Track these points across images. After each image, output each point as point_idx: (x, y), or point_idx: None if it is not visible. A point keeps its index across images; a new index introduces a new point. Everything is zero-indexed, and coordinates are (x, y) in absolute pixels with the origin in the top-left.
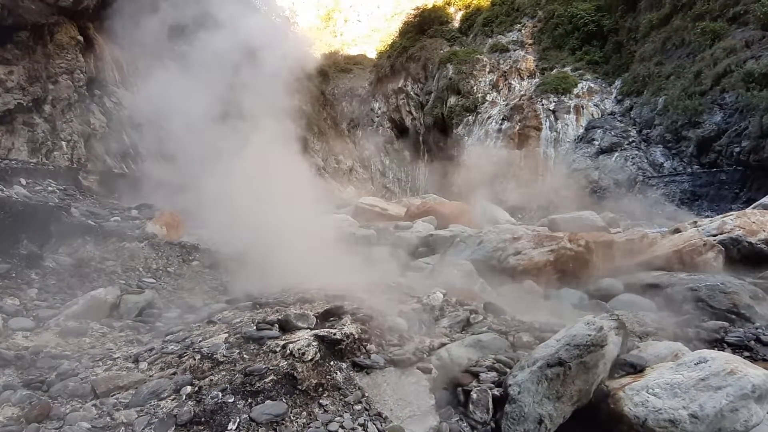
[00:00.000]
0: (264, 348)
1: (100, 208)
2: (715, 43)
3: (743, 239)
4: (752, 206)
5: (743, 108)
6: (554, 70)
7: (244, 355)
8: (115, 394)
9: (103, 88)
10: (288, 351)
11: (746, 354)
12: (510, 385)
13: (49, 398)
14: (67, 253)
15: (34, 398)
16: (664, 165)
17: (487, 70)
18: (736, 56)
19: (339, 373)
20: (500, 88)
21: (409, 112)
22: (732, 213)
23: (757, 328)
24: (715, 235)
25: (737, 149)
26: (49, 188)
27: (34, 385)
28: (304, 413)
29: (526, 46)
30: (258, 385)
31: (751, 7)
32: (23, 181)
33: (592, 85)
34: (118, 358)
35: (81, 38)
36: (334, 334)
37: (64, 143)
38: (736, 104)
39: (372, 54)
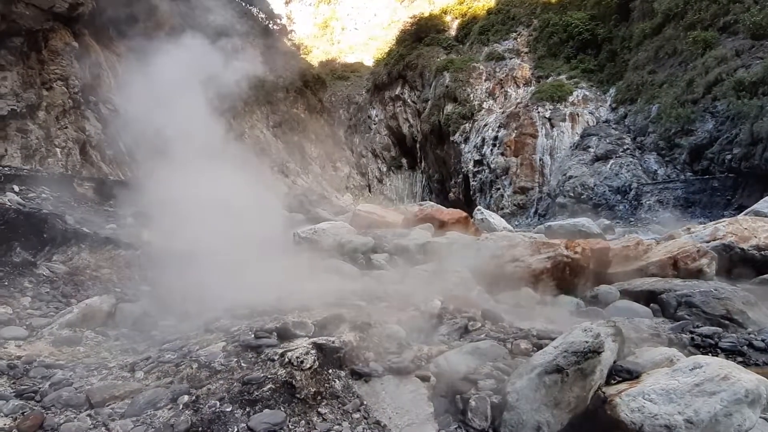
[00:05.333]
0: (262, 356)
1: (96, 216)
2: (706, 52)
3: (735, 246)
4: (744, 213)
5: (734, 116)
6: (549, 78)
7: (242, 364)
8: (110, 404)
9: (99, 95)
10: (286, 359)
11: (739, 359)
12: (508, 393)
13: (43, 408)
14: (62, 261)
15: (26, 408)
16: (658, 172)
17: (484, 78)
18: (726, 65)
19: (337, 381)
20: (496, 95)
21: (406, 119)
22: (724, 219)
23: (749, 334)
24: (708, 242)
25: (729, 156)
26: (43, 195)
27: (27, 395)
28: (303, 422)
29: (522, 54)
30: (256, 393)
31: (740, 16)
32: (16, 188)
33: (587, 93)
34: (113, 367)
35: (76, 44)
36: (333, 342)
37: (58, 150)
38: (727, 112)
39: (369, 62)
